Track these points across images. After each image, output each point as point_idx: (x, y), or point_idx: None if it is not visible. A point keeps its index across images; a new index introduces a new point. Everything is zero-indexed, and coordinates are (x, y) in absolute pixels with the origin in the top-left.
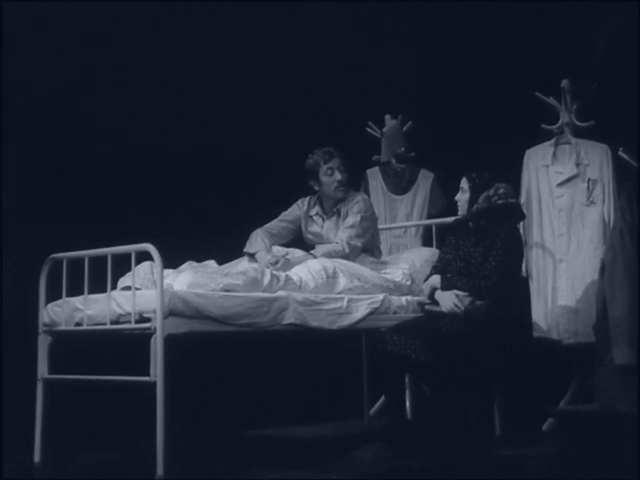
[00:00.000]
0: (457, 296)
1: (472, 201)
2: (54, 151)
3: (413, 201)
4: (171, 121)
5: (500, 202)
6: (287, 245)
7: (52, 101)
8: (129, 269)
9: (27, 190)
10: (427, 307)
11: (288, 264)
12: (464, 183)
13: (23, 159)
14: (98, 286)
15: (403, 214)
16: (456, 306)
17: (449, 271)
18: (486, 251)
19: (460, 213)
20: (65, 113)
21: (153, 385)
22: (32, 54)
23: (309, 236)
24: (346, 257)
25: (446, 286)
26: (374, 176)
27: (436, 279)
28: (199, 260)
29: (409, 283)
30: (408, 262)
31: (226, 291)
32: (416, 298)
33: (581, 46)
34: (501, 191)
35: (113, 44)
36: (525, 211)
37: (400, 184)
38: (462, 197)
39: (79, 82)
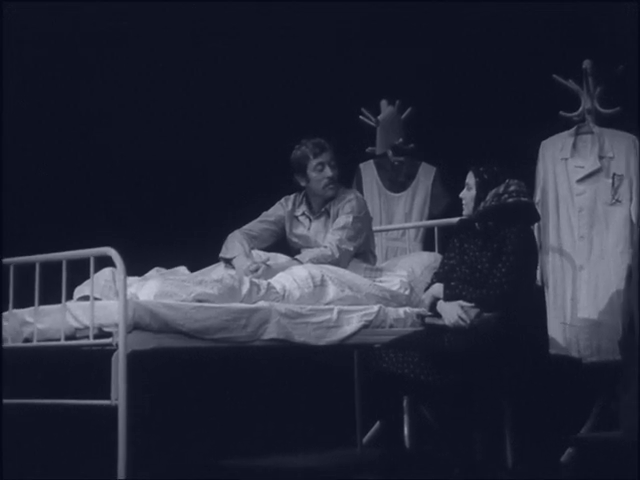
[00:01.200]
0: (462, 307)
1: (479, 199)
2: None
3: (412, 199)
4: (135, 112)
5: (511, 200)
6: (269, 249)
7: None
8: (87, 276)
9: None
10: (428, 320)
11: (270, 271)
12: (470, 178)
13: None
14: (51, 296)
15: (401, 214)
16: (461, 319)
17: (453, 279)
18: (495, 256)
19: (465, 213)
20: (16, 114)
21: (114, 409)
22: None
23: (294, 239)
24: (336, 263)
25: (450, 296)
26: (368, 171)
27: (438, 288)
28: (168, 266)
29: (407, 293)
30: (407, 269)
31: (199, 301)
32: (415, 310)
33: (606, 22)
34: (512, 188)
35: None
36: (540, 211)
37: (398, 180)
38: (468, 194)
39: (36, 84)
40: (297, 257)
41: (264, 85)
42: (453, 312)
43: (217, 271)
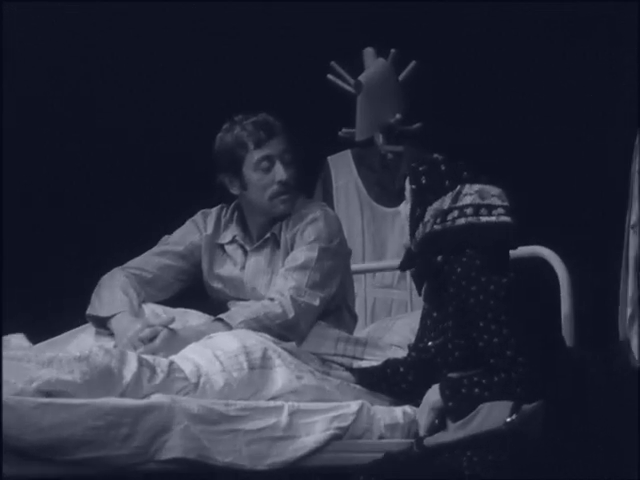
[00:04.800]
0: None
1: (415, 219)
2: None
3: None
4: None
5: (462, 222)
6: (174, 302)
7: None
8: None
9: None
10: (428, 442)
11: (175, 340)
12: (406, 185)
13: None
14: None
15: (397, 242)
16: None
17: (441, 361)
18: (459, 313)
19: (403, 242)
20: None
21: None
22: None
23: (217, 284)
24: (290, 328)
25: (458, 402)
26: (342, 169)
27: (434, 395)
28: None
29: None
30: (406, 338)
31: (47, 395)
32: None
33: None
34: (467, 200)
35: None
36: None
37: (392, 184)
38: (404, 210)
39: None
40: (222, 316)
41: (176, 29)
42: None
43: (81, 341)
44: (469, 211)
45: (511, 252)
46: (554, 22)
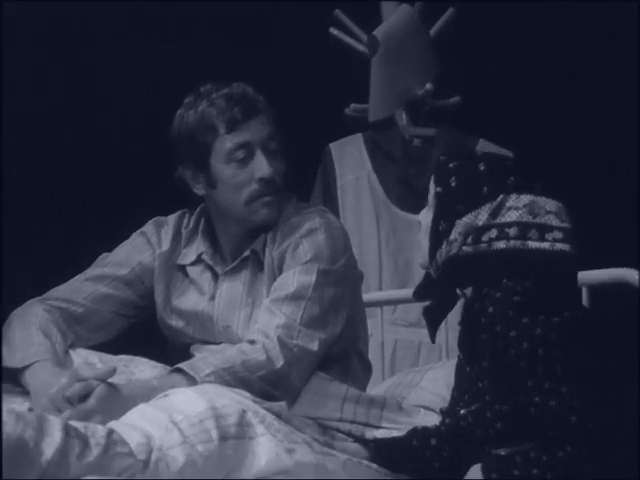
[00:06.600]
0: None
1: (438, 235)
2: None
3: None
4: None
5: (501, 246)
6: (116, 346)
7: None
8: None
9: None
10: None
11: (116, 400)
12: (431, 186)
13: None
14: None
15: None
16: None
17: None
18: (496, 365)
19: (420, 261)
20: None
21: None
22: None
23: (176, 322)
24: (277, 382)
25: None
26: (351, 160)
27: (477, 477)
28: None
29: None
30: (439, 397)
31: None
32: None
33: None
34: (512, 216)
35: None
36: None
37: (419, 181)
38: (425, 220)
39: None
40: (183, 366)
41: None
42: None
43: None
44: (513, 232)
45: (587, 277)
46: (553, 21)
